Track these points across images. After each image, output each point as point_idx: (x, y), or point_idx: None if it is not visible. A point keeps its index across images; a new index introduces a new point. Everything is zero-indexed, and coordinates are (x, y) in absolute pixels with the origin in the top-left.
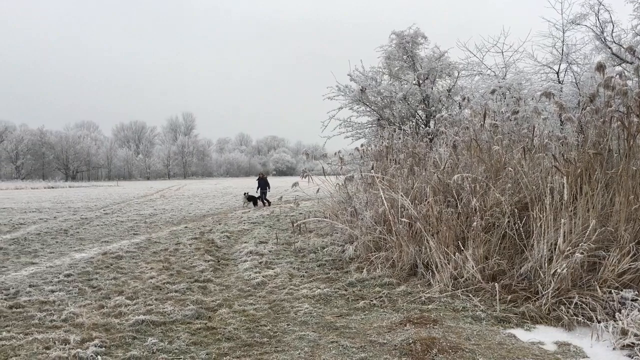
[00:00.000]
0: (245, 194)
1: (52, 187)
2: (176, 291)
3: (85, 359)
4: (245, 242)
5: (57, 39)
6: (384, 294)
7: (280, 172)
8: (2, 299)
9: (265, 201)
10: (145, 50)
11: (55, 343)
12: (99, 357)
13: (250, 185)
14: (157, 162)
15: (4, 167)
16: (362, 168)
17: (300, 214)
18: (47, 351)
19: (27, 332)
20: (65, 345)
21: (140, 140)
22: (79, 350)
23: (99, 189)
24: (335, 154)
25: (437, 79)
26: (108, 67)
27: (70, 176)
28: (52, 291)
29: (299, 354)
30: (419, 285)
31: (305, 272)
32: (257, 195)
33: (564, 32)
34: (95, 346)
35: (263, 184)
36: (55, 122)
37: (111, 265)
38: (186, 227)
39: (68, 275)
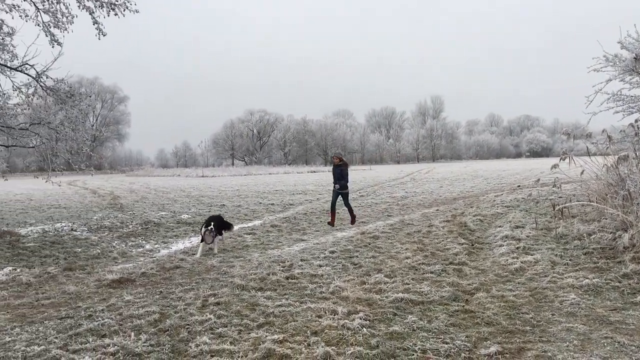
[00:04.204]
0: (204, 224)
1: (314, 172)
2: (431, 272)
3: (352, 329)
4: (500, 226)
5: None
6: None
7: (535, 154)
8: (280, 270)
9: (346, 206)
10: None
11: (325, 313)
12: (364, 329)
13: (501, 167)
14: (406, 146)
15: (275, 154)
16: (636, 147)
17: (561, 197)
18: (319, 319)
19: (302, 301)
20: (334, 315)
21: (391, 125)
22: (346, 321)
23: (353, 172)
24: (602, 131)
25: None
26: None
27: (328, 161)
28: (320, 266)
29: (567, 346)
30: None
31: (570, 260)
32: (340, 190)
33: None
34: (360, 319)
35: (339, 176)
36: (316, 111)
37: (369, 244)
38: (437, 209)
39: (332, 252)
